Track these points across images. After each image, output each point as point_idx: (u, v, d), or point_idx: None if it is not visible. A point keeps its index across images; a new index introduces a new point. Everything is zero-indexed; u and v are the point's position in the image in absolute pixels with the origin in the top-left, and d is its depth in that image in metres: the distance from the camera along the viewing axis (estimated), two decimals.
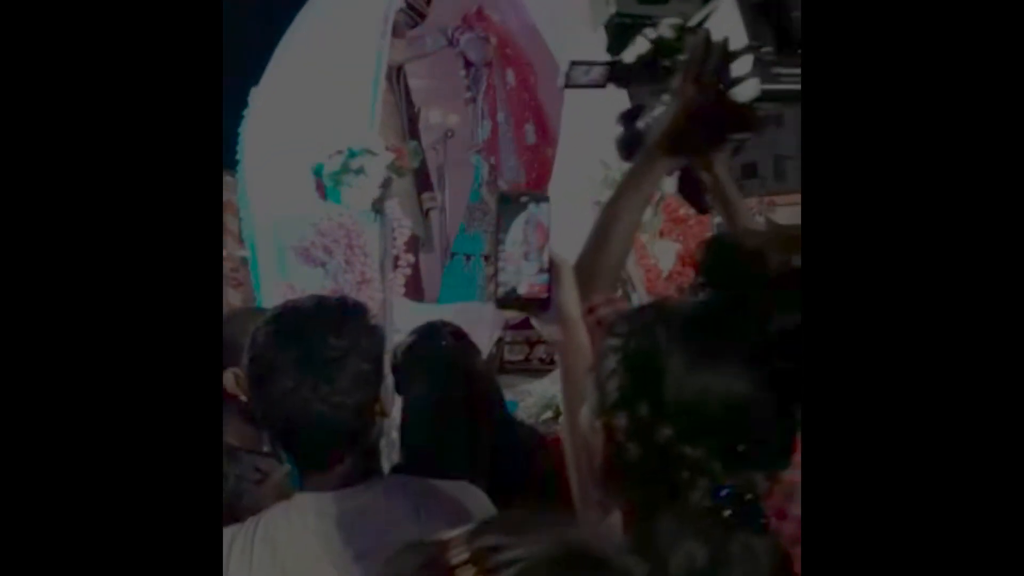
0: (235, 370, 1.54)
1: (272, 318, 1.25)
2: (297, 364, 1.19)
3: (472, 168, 4.78)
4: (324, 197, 3.45)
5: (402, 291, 3.62)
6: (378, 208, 3.44)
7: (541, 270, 1.00)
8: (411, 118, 4.52)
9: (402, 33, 4.42)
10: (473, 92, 4.79)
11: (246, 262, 4.63)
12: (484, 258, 4.35)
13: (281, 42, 4.32)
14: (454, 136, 4.77)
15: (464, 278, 4.54)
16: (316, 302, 1.29)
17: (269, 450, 1.60)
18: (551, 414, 3.19)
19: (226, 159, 4.30)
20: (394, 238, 3.51)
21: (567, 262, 1.03)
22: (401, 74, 4.50)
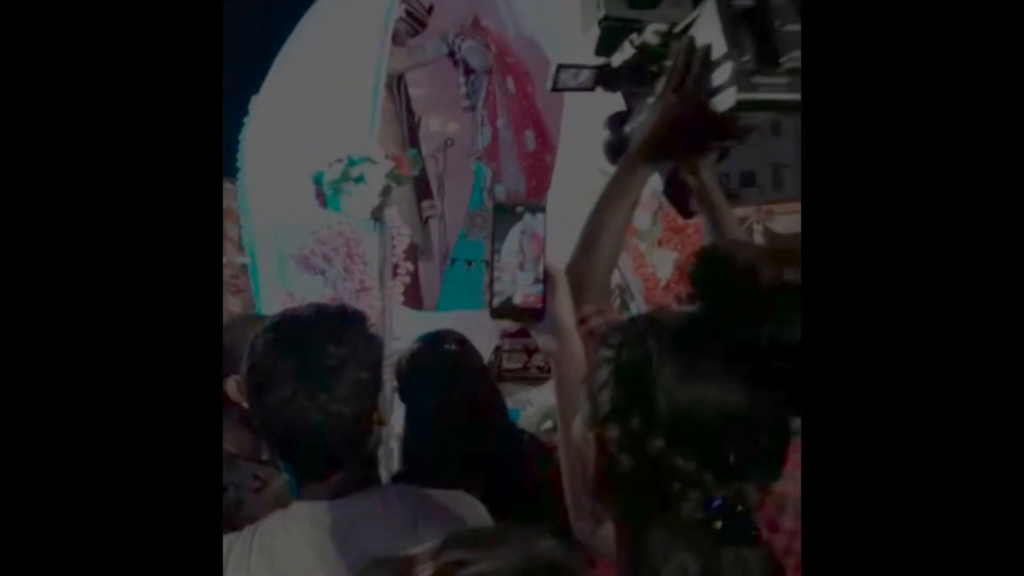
0: (237, 377, 1.54)
1: (271, 326, 1.25)
2: (295, 373, 1.19)
3: (471, 177, 4.78)
4: (324, 205, 3.46)
5: (401, 299, 3.62)
6: (377, 216, 3.44)
7: (536, 280, 1.00)
8: (411, 127, 4.53)
9: (403, 41, 4.43)
10: (473, 100, 4.80)
11: (246, 269, 4.64)
12: (484, 263, 4.35)
13: (281, 50, 4.33)
14: (454, 144, 4.78)
15: (465, 284, 4.54)
16: (315, 310, 1.29)
17: (268, 458, 1.60)
18: (551, 424, 3.19)
19: (227, 166, 4.31)
20: (393, 246, 3.51)
21: (562, 272, 1.03)
22: (402, 83, 4.52)
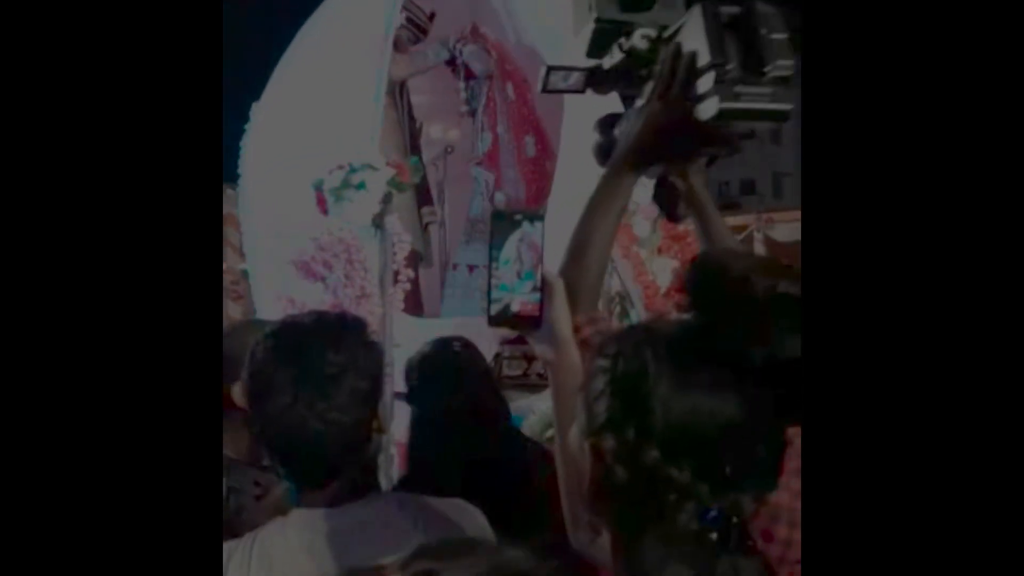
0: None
1: (271, 333, 1.25)
2: (295, 380, 1.19)
3: (472, 183, 4.79)
4: (325, 212, 3.46)
5: (401, 306, 3.62)
6: (378, 223, 3.45)
7: (534, 288, 1.01)
8: (413, 133, 4.54)
9: (404, 48, 4.44)
10: (472, 106, 4.80)
11: (246, 275, 4.64)
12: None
13: (283, 57, 4.35)
14: (454, 151, 4.79)
15: (467, 289, 4.54)
16: (315, 318, 1.29)
17: (268, 464, 1.60)
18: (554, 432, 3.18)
19: (228, 173, 4.32)
20: (394, 253, 3.52)
21: (560, 281, 1.03)
22: (404, 90, 4.52)
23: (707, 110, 1.02)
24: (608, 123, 1.23)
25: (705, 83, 1.02)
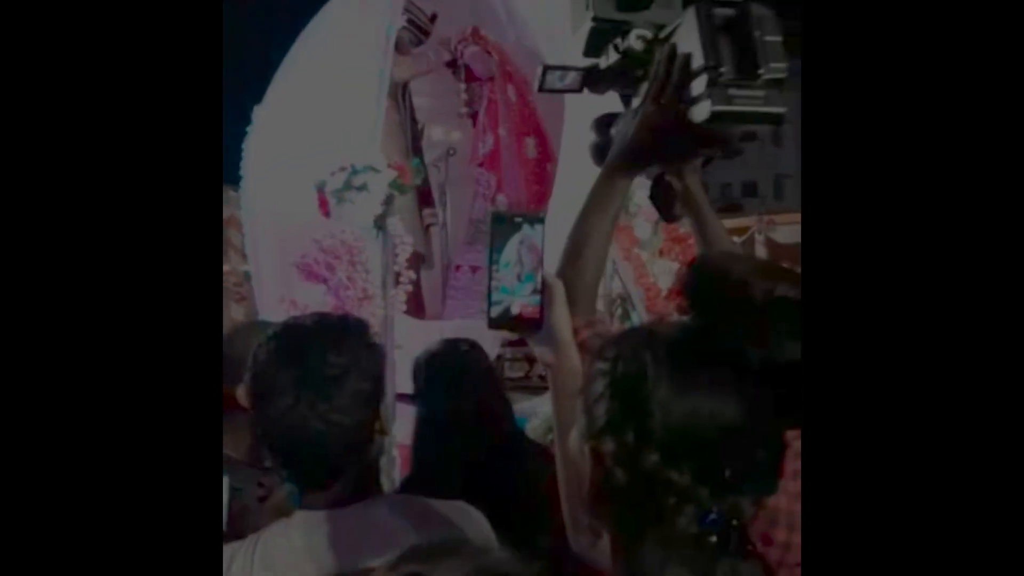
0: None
1: (274, 335, 1.26)
2: (296, 382, 1.19)
3: (474, 185, 4.79)
4: (327, 214, 3.47)
5: (403, 308, 3.63)
6: (380, 225, 3.45)
7: (534, 291, 1.00)
8: (414, 135, 4.54)
9: (406, 50, 4.45)
10: (472, 108, 4.81)
11: (249, 277, 4.65)
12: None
13: (285, 60, 4.35)
14: (456, 153, 4.79)
15: (470, 291, 4.54)
16: (317, 319, 1.29)
17: (270, 466, 1.60)
18: None
19: (230, 175, 4.33)
20: (396, 255, 3.52)
21: (560, 283, 1.03)
22: (406, 92, 4.53)
23: (700, 113, 1.02)
24: (605, 123, 1.23)
25: (699, 85, 1.02)
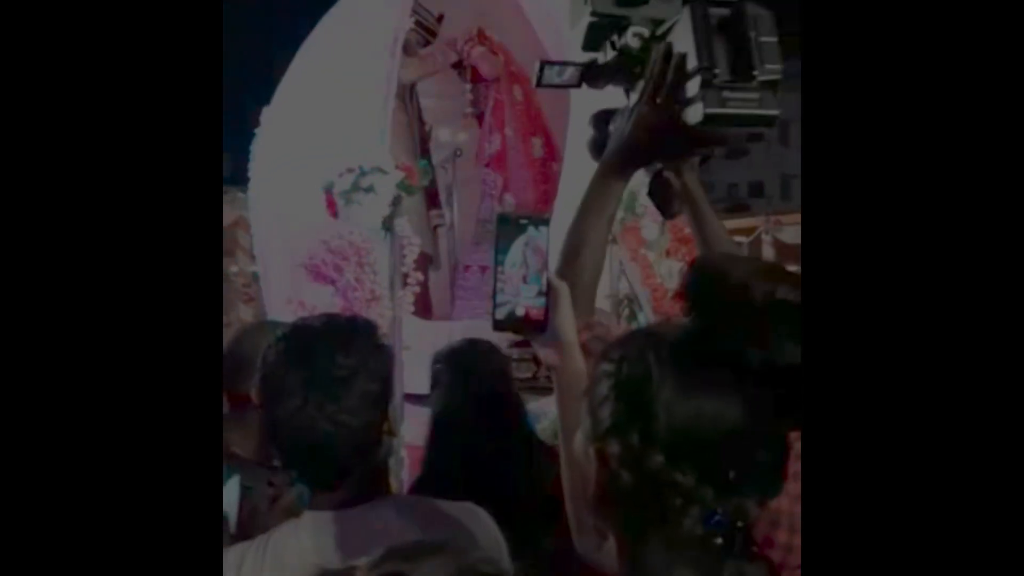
0: None
1: (283, 336, 1.27)
2: (305, 383, 1.20)
3: (481, 186, 4.80)
4: (335, 215, 3.48)
5: (411, 309, 3.63)
6: (388, 226, 3.46)
7: (539, 293, 1.01)
8: (422, 136, 4.55)
9: (413, 52, 4.45)
10: (478, 108, 4.81)
11: (257, 278, 4.66)
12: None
13: (293, 61, 4.37)
14: (463, 154, 4.80)
15: (479, 291, 4.54)
16: (326, 320, 1.30)
17: (279, 465, 1.61)
18: None
19: (238, 176, 4.35)
20: (403, 256, 3.53)
21: (564, 285, 1.03)
22: (414, 93, 4.53)
23: (693, 115, 1.02)
24: (603, 118, 1.22)
25: (693, 87, 1.02)
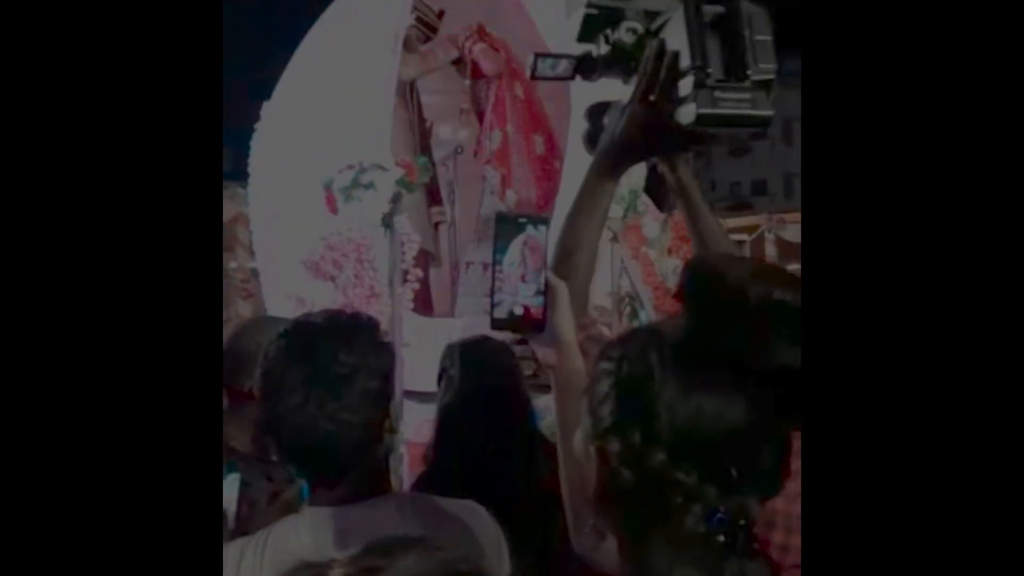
0: None
1: (284, 332, 1.26)
2: (306, 380, 1.20)
3: (482, 183, 4.80)
4: (335, 211, 3.48)
5: (411, 306, 3.63)
6: (388, 223, 3.46)
7: (537, 292, 1.00)
8: (423, 133, 4.55)
9: (414, 48, 4.45)
10: (478, 104, 4.80)
11: (257, 274, 4.66)
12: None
13: (293, 57, 4.37)
14: (464, 151, 4.79)
15: (482, 288, 4.55)
16: (328, 317, 1.30)
17: (278, 459, 1.61)
18: None
19: (238, 172, 4.35)
20: (403, 253, 3.53)
21: (563, 284, 1.03)
22: (414, 89, 4.53)
23: (685, 115, 1.01)
24: (598, 111, 1.22)
25: (686, 86, 1.01)
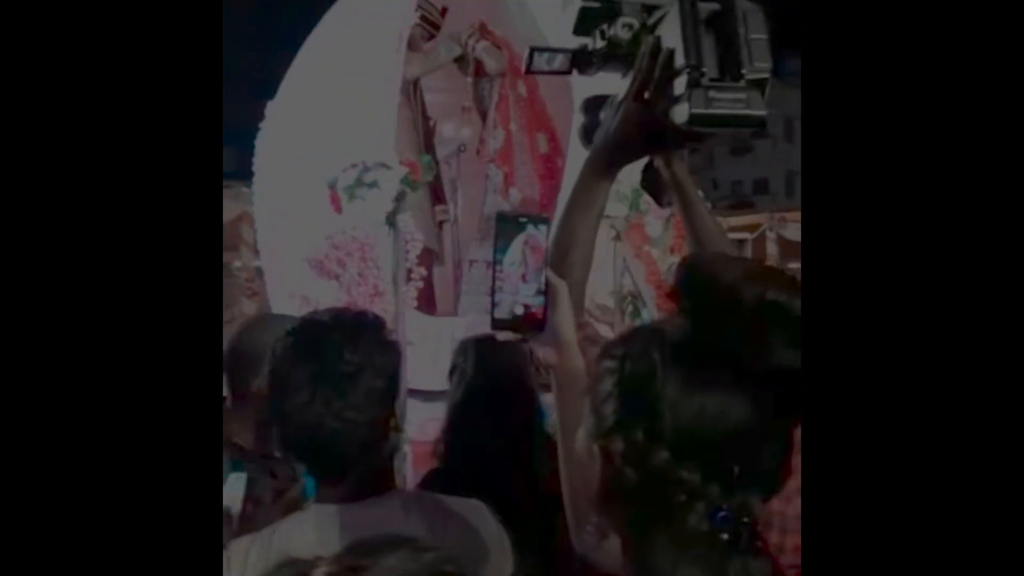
0: None
1: (291, 331, 1.28)
2: (312, 378, 1.21)
3: (485, 182, 4.79)
4: (339, 210, 3.48)
5: (414, 304, 3.64)
6: (392, 221, 3.46)
7: (538, 291, 1.01)
8: (426, 132, 4.54)
9: (418, 47, 4.44)
10: (484, 104, 4.79)
11: (261, 272, 4.67)
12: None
13: (297, 56, 4.37)
14: (467, 149, 4.79)
15: (485, 286, 4.53)
16: (335, 316, 1.31)
17: (281, 456, 1.62)
18: None
19: (242, 171, 4.36)
20: (407, 251, 3.53)
21: (563, 284, 1.03)
22: (418, 88, 4.53)
23: (679, 114, 1.01)
24: (594, 104, 1.22)
25: (680, 85, 1.01)
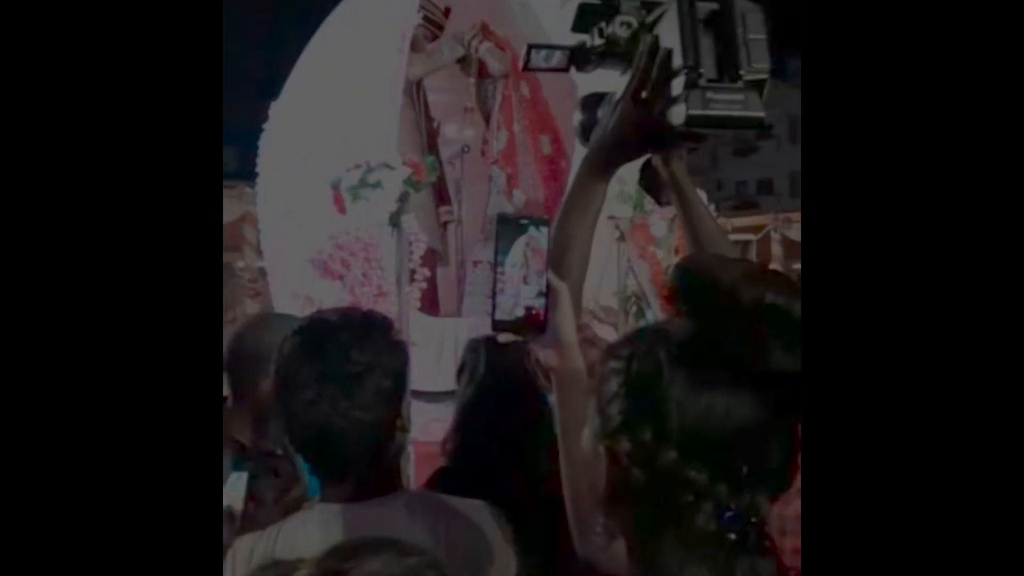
0: None
1: (299, 330, 1.27)
2: (319, 378, 1.20)
3: (489, 182, 4.79)
4: (342, 210, 3.49)
5: (417, 305, 3.64)
6: (395, 222, 3.47)
7: (539, 293, 1.00)
8: (430, 132, 4.54)
9: (422, 47, 4.45)
10: (488, 105, 4.79)
11: (264, 273, 4.68)
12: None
13: (301, 57, 4.38)
14: (470, 150, 4.79)
15: (487, 287, 4.52)
16: (342, 315, 1.31)
17: (284, 453, 1.62)
18: None
19: (246, 171, 4.36)
20: (410, 252, 3.54)
21: (564, 286, 1.02)
22: (421, 89, 4.53)
23: (676, 116, 1.00)
24: (592, 102, 1.21)
25: (678, 85, 1.00)
